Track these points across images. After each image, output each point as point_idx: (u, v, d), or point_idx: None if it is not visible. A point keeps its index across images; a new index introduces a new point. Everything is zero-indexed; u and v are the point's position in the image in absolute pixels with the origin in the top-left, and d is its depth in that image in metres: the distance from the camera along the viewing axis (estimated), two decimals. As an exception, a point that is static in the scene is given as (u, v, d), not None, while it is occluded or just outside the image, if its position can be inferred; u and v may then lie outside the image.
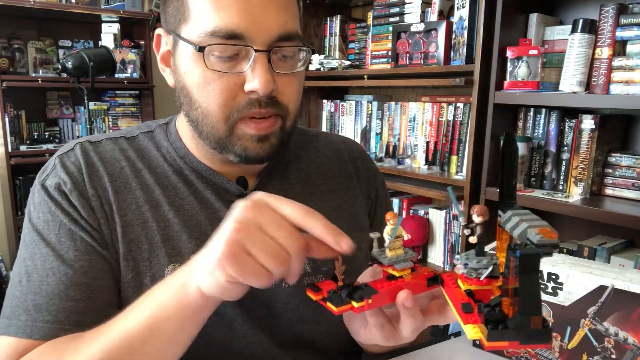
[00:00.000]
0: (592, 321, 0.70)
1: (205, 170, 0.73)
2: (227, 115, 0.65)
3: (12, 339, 0.62)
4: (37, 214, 0.67)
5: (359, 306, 0.46)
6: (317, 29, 2.58)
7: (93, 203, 0.67)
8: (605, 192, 1.58)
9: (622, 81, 1.44)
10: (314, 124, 2.62)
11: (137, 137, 0.75)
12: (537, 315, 0.39)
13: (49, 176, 0.69)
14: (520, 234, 0.41)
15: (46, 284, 0.63)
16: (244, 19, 0.61)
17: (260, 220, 0.47)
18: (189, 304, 0.52)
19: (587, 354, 0.71)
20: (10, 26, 2.77)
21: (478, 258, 0.45)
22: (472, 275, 0.44)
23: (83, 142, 0.72)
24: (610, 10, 1.44)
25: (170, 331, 0.54)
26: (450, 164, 2.02)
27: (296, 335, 0.73)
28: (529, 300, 0.39)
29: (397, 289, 0.48)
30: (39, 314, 0.62)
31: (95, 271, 0.65)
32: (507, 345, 0.40)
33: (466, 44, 1.83)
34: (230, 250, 0.46)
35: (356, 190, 0.84)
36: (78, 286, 0.64)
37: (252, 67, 0.62)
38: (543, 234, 0.39)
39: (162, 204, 0.70)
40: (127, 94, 3.09)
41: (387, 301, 0.49)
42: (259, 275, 0.47)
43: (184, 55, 0.65)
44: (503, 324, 0.40)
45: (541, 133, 1.69)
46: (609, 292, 0.67)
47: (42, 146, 2.73)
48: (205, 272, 0.49)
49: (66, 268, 0.64)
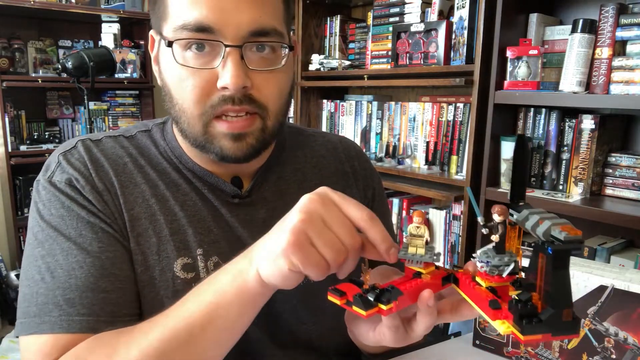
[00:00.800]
0: (592, 321, 0.70)
1: (200, 170, 0.72)
2: (201, 112, 0.64)
3: (47, 337, 0.60)
4: (49, 210, 0.66)
5: (388, 308, 0.47)
6: (317, 29, 2.58)
7: (105, 197, 0.67)
8: (605, 192, 1.58)
9: (622, 81, 1.44)
10: (314, 124, 2.62)
11: (135, 135, 0.75)
12: (568, 308, 0.41)
13: (55, 173, 0.68)
14: (545, 232, 0.43)
15: (75, 277, 0.62)
16: (213, 13, 0.60)
17: (325, 214, 0.49)
18: (248, 291, 0.53)
19: (587, 354, 0.71)
20: (10, 26, 2.77)
21: (499, 256, 0.46)
22: (494, 272, 0.46)
23: (84, 140, 0.72)
24: (610, 10, 1.44)
25: (229, 317, 0.54)
26: (450, 164, 2.02)
27: (294, 335, 0.74)
28: (561, 294, 0.41)
29: (417, 289, 0.49)
30: (73, 308, 0.61)
31: (121, 262, 0.65)
32: (541, 338, 0.42)
33: (466, 44, 1.83)
34: (296, 240, 0.47)
35: (353, 190, 0.84)
36: (108, 277, 0.63)
37: (223, 63, 0.62)
38: (567, 231, 0.41)
39: (168, 198, 0.70)
40: (127, 94, 3.10)
41: (411, 302, 0.49)
42: (319, 266, 0.48)
43: (164, 53, 0.66)
44: (537, 317, 0.42)
45: (541, 133, 1.69)
46: (609, 292, 0.67)
47: (42, 146, 2.73)
48: (268, 260, 0.50)
49: (93, 260, 0.63)
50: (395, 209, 2.25)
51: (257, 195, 0.75)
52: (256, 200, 0.75)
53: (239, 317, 0.55)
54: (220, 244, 0.70)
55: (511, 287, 0.46)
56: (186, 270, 0.68)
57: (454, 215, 2.03)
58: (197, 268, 0.68)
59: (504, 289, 0.46)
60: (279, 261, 0.49)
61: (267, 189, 0.76)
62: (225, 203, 0.73)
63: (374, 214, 0.51)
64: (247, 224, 0.73)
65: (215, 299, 0.54)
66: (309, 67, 2.50)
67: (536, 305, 0.42)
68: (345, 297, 0.48)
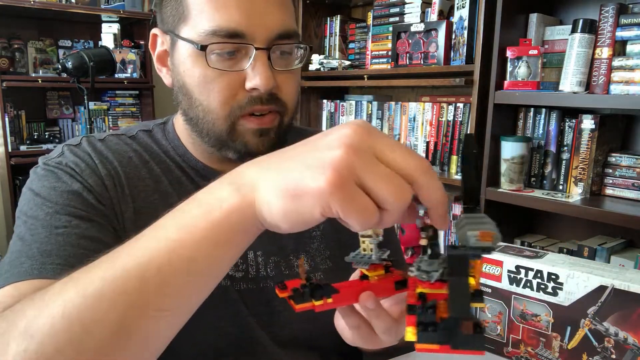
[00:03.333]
0: (592, 321, 0.70)
1: (204, 169, 0.73)
2: (228, 113, 0.65)
3: (13, 285, 0.53)
4: (41, 183, 0.63)
5: (319, 305, 0.45)
6: (317, 29, 2.58)
7: (107, 182, 0.66)
8: (605, 192, 1.58)
9: (622, 81, 1.44)
10: (314, 124, 2.62)
11: (137, 134, 0.76)
12: (467, 319, 0.38)
13: (55, 159, 0.67)
14: (460, 236, 0.39)
15: (55, 234, 0.58)
16: (244, 18, 0.62)
17: (377, 145, 0.37)
18: (228, 228, 0.40)
19: (587, 354, 0.71)
20: (10, 26, 2.77)
21: (430, 261, 0.44)
22: (424, 277, 0.43)
23: (89, 136, 0.73)
24: (610, 10, 1.44)
25: (197, 260, 0.41)
26: (450, 164, 2.02)
27: (294, 334, 0.74)
28: (457, 303, 0.37)
29: (360, 290, 0.48)
30: (48, 258, 0.55)
31: (106, 234, 0.62)
32: (438, 349, 0.38)
33: (466, 44, 1.83)
34: (341, 178, 0.35)
35: None
36: (91, 239, 0.59)
37: (252, 65, 0.63)
38: (481, 237, 0.37)
39: (170, 195, 0.70)
40: (127, 94, 3.10)
41: (350, 301, 0.48)
42: (368, 211, 0.36)
43: (183, 54, 0.66)
44: (434, 326, 0.39)
45: (541, 133, 1.69)
46: (609, 292, 0.68)
47: (42, 146, 2.73)
48: (285, 197, 0.37)
49: (79, 221, 0.60)
50: (395, 209, 2.25)
51: None
52: None
53: (210, 260, 0.41)
54: None
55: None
56: None
57: (454, 215, 2.03)
58: None
59: (440, 296, 0.43)
60: (308, 202, 0.36)
61: None
62: None
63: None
64: None
65: (178, 235, 0.41)
66: (309, 67, 2.50)
67: (436, 315, 0.39)
68: (287, 290, 0.46)
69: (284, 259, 0.74)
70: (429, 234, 0.44)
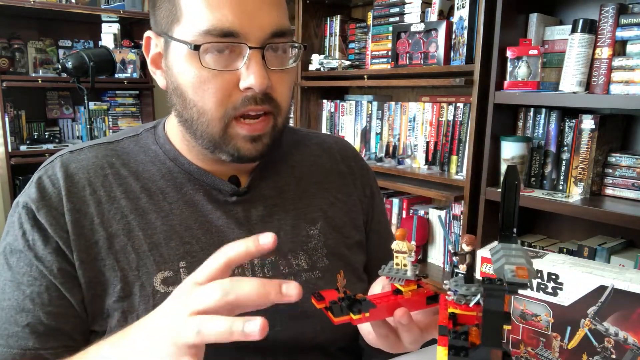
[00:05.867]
0: (592, 321, 0.70)
1: (197, 171, 0.73)
2: (223, 114, 0.65)
3: None
4: (7, 233, 0.68)
5: (357, 319, 0.48)
6: (317, 29, 2.58)
7: (67, 217, 0.67)
8: (605, 192, 1.58)
9: (622, 81, 1.44)
10: (314, 124, 2.62)
11: (122, 141, 0.75)
12: (498, 350, 0.41)
13: (23, 194, 0.69)
14: (498, 269, 0.42)
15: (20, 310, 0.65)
16: (238, 17, 0.61)
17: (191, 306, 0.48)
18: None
19: (587, 354, 0.71)
20: (10, 26, 2.77)
21: (467, 285, 0.46)
22: (462, 301, 0.46)
23: (63, 155, 0.72)
24: (610, 10, 1.44)
25: None
26: (450, 164, 2.02)
27: (297, 330, 0.74)
28: (490, 333, 0.40)
29: (395, 305, 0.50)
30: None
31: (66, 290, 0.66)
32: None
33: (466, 44, 1.83)
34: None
35: (350, 189, 0.84)
36: (57, 306, 0.65)
37: (247, 65, 0.63)
38: (516, 273, 0.40)
39: (148, 212, 0.70)
40: (127, 94, 3.09)
41: (385, 315, 0.51)
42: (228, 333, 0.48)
43: (177, 55, 0.65)
44: (465, 351, 0.41)
45: (541, 133, 1.69)
46: (609, 292, 0.67)
47: (42, 146, 2.73)
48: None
49: (41, 298, 0.65)
50: (395, 209, 2.25)
51: (255, 192, 0.75)
52: (254, 197, 0.75)
53: None
54: (210, 251, 0.70)
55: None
56: (167, 284, 0.67)
57: (454, 215, 2.03)
58: (179, 281, 0.67)
59: (470, 318, 0.46)
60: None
61: (265, 186, 0.76)
62: (221, 204, 0.73)
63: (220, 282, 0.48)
64: (244, 222, 0.73)
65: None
66: (309, 67, 2.49)
67: (468, 340, 0.42)
68: (324, 302, 0.49)
69: (283, 258, 0.74)
70: (468, 262, 0.47)
